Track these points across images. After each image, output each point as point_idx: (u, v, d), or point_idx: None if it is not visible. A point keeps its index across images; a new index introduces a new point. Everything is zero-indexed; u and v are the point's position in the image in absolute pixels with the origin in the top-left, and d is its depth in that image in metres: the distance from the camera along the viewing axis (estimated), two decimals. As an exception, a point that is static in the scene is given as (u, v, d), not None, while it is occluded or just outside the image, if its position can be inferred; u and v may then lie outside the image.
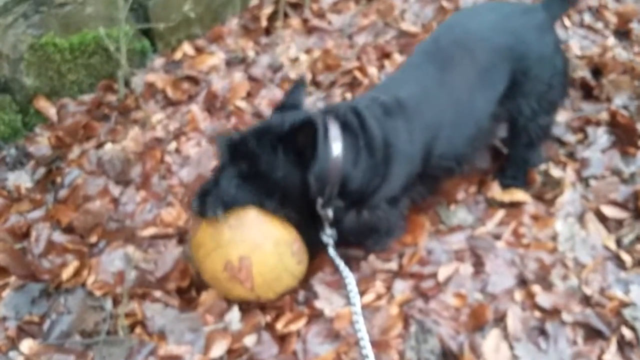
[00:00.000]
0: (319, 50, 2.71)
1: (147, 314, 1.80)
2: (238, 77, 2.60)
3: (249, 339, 1.73)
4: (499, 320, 1.76)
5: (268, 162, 1.60)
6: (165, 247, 1.99)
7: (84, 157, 2.28)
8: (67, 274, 1.89)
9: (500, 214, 2.07)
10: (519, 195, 2.10)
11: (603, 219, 2.03)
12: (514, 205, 2.09)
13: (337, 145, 1.66)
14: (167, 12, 2.64)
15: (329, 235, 1.83)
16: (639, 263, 1.87)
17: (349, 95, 2.50)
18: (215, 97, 2.52)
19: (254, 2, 2.97)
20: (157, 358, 1.70)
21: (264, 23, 2.85)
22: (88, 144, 2.33)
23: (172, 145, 2.34)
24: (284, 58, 2.66)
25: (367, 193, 1.76)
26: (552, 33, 1.92)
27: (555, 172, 2.16)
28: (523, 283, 1.87)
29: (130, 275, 1.88)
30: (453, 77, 1.80)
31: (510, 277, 1.88)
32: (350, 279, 1.82)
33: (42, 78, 2.39)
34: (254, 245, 1.65)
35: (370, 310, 1.79)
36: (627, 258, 1.88)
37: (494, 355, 1.66)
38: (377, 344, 1.69)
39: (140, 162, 2.27)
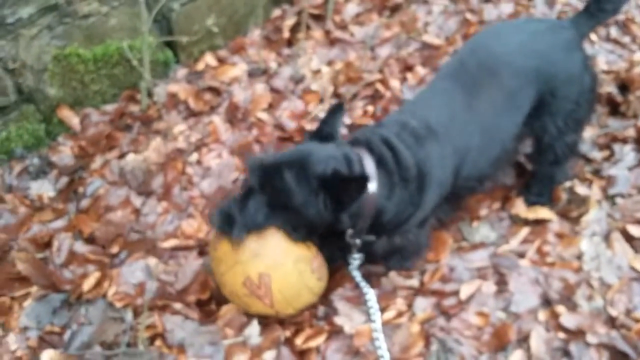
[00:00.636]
0: (341, 62, 2.70)
1: (167, 327, 1.79)
2: (260, 88, 2.60)
3: (269, 354, 1.72)
4: (522, 341, 1.74)
5: (303, 200, 1.56)
6: (186, 259, 1.99)
7: (106, 167, 2.30)
8: (88, 285, 1.90)
9: (525, 232, 2.05)
10: (544, 213, 2.07)
11: (629, 239, 2.00)
12: (539, 223, 2.06)
13: (372, 184, 1.64)
14: (190, 23, 2.66)
15: (356, 259, 1.83)
16: (667, 285, 1.84)
17: (371, 108, 2.48)
18: (237, 108, 2.52)
19: (276, 13, 2.98)
20: (176, 371, 1.70)
21: (286, 34, 2.85)
22: (110, 154, 2.34)
23: (193, 157, 2.34)
24: (306, 70, 2.66)
25: (400, 222, 1.75)
26: (580, 51, 1.89)
27: (581, 189, 2.13)
28: (547, 303, 1.85)
29: (152, 287, 1.88)
30: (480, 101, 1.78)
31: (534, 296, 1.86)
32: (371, 295, 1.81)
33: (65, 88, 2.41)
34: (274, 263, 1.64)
35: (391, 328, 1.78)
36: (654, 280, 1.84)
37: (517, 377, 1.64)
38: (397, 363, 1.67)
39: (162, 173, 2.28)
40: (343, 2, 3.03)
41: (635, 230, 2.00)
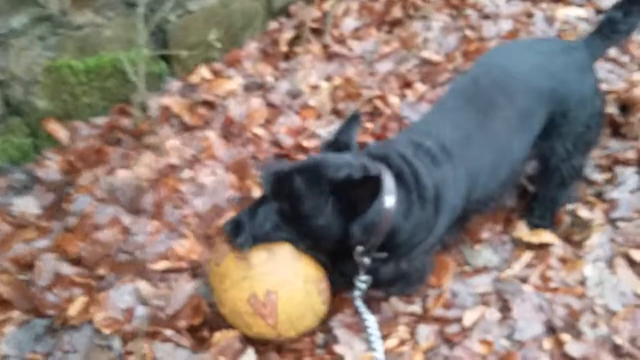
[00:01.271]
0: (340, 78, 2.66)
1: (157, 355, 1.71)
2: (256, 102, 2.54)
3: (265, 385, 1.65)
4: (528, 371, 1.70)
5: (313, 206, 1.53)
6: (177, 282, 1.90)
7: (95, 183, 2.19)
8: (73, 310, 1.79)
9: (528, 256, 2.02)
10: (547, 237, 2.05)
11: (632, 264, 1.97)
12: (541, 247, 2.04)
13: (390, 198, 1.59)
14: (185, 35, 2.59)
15: (363, 281, 1.74)
16: (673, 313, 1.81)
17: (370, 126, 2.43)
18: (232, 123, 2.45)
19: (273, 25, 2.92)
20: (167, 403, 1.61)
21: (284, 48, 2.80)
22: (99, 170, 2.24)
23: (186, 173, 2.26)
24: (304, 85, 2.60)
25: (412, 246, 1.70)
26: (592, 73, 1.87)
27: (584, 212, 2.11)
28: (551, 330, 1.82)
29: (141, 313, 1.80)
30: (493, 122, 1.74)
31: (538, 323, 1.83)
32: (372, 322, 1.75)
33: (55, 101, 2.32)
34: (284, 281, 1.60)
35: (393, 356, 1.72)
36: (659, 307, 1.82)
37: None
38: (400, 394, 1.61)
39: (153, 190, 2.18)
40: (341, 16, 2.99)
41: (638, 255, 1.97)
